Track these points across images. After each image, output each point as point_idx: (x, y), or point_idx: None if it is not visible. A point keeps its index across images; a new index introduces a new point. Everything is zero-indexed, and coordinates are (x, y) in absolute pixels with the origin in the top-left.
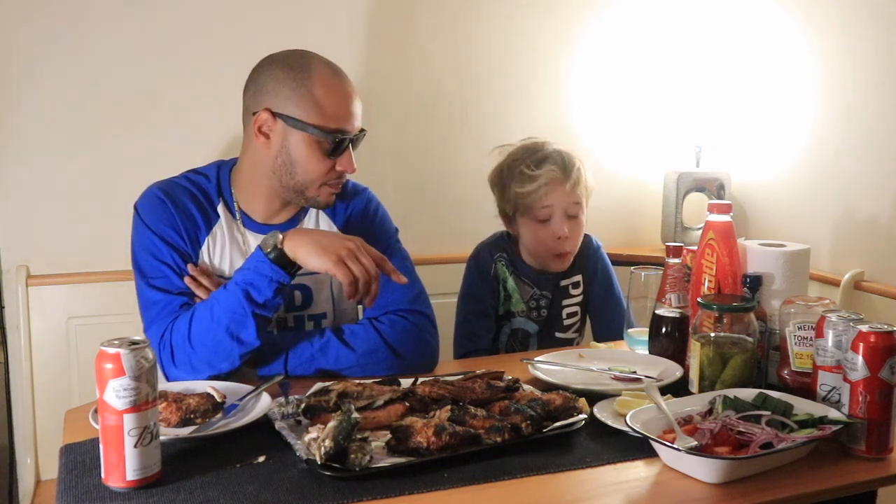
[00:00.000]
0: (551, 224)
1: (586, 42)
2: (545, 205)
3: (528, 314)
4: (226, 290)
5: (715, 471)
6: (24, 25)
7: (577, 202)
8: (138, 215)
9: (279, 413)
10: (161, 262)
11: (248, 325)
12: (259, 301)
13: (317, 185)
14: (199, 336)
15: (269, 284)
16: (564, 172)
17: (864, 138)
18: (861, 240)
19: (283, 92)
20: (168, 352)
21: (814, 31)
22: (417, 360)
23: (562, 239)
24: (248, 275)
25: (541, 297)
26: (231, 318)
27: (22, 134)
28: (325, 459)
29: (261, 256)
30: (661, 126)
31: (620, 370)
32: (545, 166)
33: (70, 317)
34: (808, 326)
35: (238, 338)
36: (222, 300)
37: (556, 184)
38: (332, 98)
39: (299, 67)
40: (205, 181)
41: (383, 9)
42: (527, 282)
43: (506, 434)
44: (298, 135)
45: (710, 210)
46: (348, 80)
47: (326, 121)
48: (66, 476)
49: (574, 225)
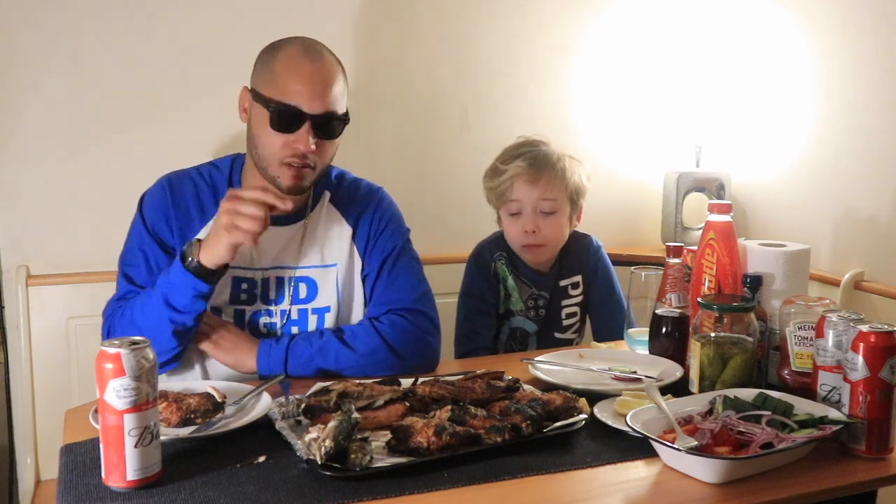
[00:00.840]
0: (521, 218)
1: (586, 42)
2: (513, 199)
3: (527, 313)
4: (145, 293)
5: (715, 471)
6: (24, 26)
7: (549, 199)
8: (141, 201)
9: (279, 413)
10: (140, 251)
11: (166, 330)
12: (178, 308)
13: (276, 163)
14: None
15: (187, 295)
16: (532, 168)
17: (864, 138)
18: (861, 240)
19: (257, 68)
20: (106, 331)
21: (814, 31)
22: (417, 361)
23: (528, 233)
24: (166, 285)
25: (539, 296)
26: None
27: (22, 134)
28: (325, 459)
29: (179, 266)
30: (661, 126)
31: (620, 370)
32: (515, 161)
33: (70, 317)
34: (808, 326)
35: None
36: (141, 305)
37: (522, 180)
38: (289, 73)
39: (276, 45)
40: (217, 173)
41: (383, 9)
42: (525, 281)
43: (506, 434)
44: (256, 107)
45: (710, 210)
46: (318, 60)
47: (277, 93)
48: (66, 476)
49: (547, 221)
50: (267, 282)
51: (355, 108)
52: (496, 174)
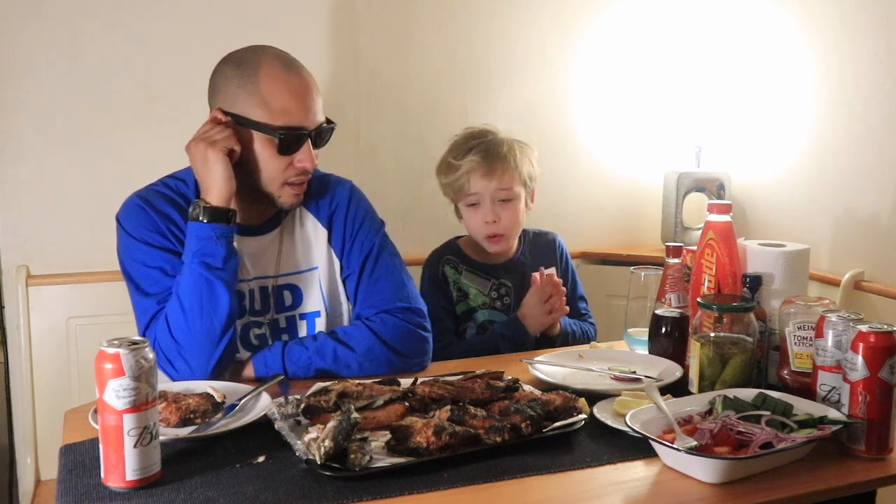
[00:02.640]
0: (481, 208)
1: (586, 42)
2: (471, 192)
3: (493, 304)
4: (182, 275)
5: (715, 471)
6: (23, 25)
7: (506, 188)
8: (121, 226)
9: (279, 413)
10: (151, 268)
11: (220, 293)
12: (218, 265)
13: (277, 184)
14: (179, 329)
15: (217, 242)
16: (486, 160)
17: (864, 138)
18: (861, 240)
19: (231, 90)
20: (162, 357)
21: (814, 31)
22: (413, 355)
23: (489, 223)
24: (194, 245)
25: (500, 285)
26: (200, 295)
27: (22, 134)
28: (325, 459)
29: (195, 225)
30: (661, 126)
31: (620, 370)
32: (468, 156)
33: (70, 317)
34: (808, 326)
35: (213, 312)
36: (184, 284)
37: (476, 172)
38: (279, 93)
39: (248, 64)
40: (183, 186)
41: (383, 9)
42: (481, 274)
43: (506, 434)
44: (248, 133)
45: (710, 210)
46: (301, 73)
47: (274, 117)
48: (66, 476)
49: (506, 209)
50: (252, 293)
51: (355, 109)
52: (451, 170)
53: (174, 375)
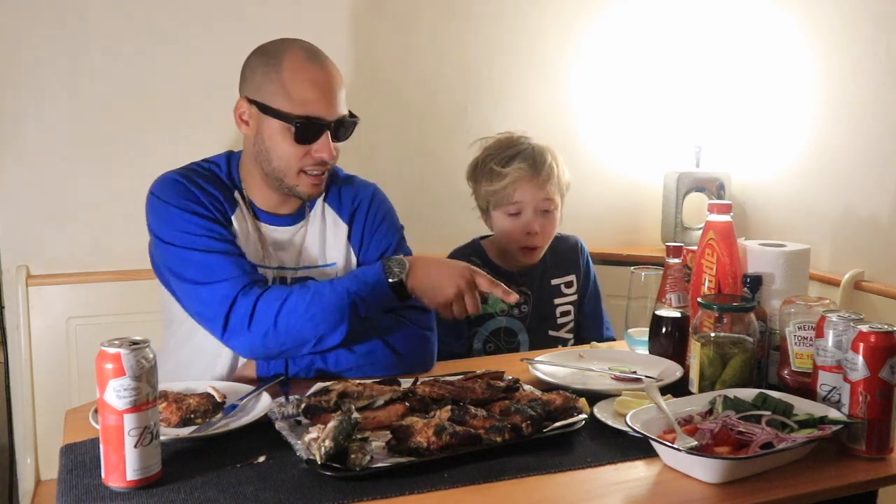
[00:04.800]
0: (521, 218)
1: (586, 42)
2: (514, 201)
3: (510, 312)
4: (332, 290)
5: (715, 471)
6: (24, 26)
7: (549, 198)
8: (159, 199)
9: (279, 413)
10: (198, 236)
11: (339, 332)
12: (360, 314)
13: (294, 173)
14: (286, 321)
15: (377, 305)
16: (534, 169)
17: (864, 138)
18: (861, 240)
19: (257, 78)
20: (245, 316)
21: (814, 31)
22: (416, 359)
23: (531, 234)
24: (363, 289)
25: (520, 293)
26: (326, 316)
27: (22, 134)
28: (325, 459)
29: (383, 280)
30: (661, 126)
31: (620, 370)
32: (514, 163)
33: (70, 317)
34: (808, 326)
35: (321, 337)
36: (327, 295)
37: (524, 181)
38: (300, 83)
39: (273, 53)
40: (216, 170)
41: (383, 9)
42: (503, 281)
43: (506, 434)
44: (269, 121)
45: (710, 210)
46: (325, 65)
47: (293, 106)
48: (66, 476)
49: (546, 220)
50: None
51: (355, 108)
52: (496, 177)
53: (234, 341)
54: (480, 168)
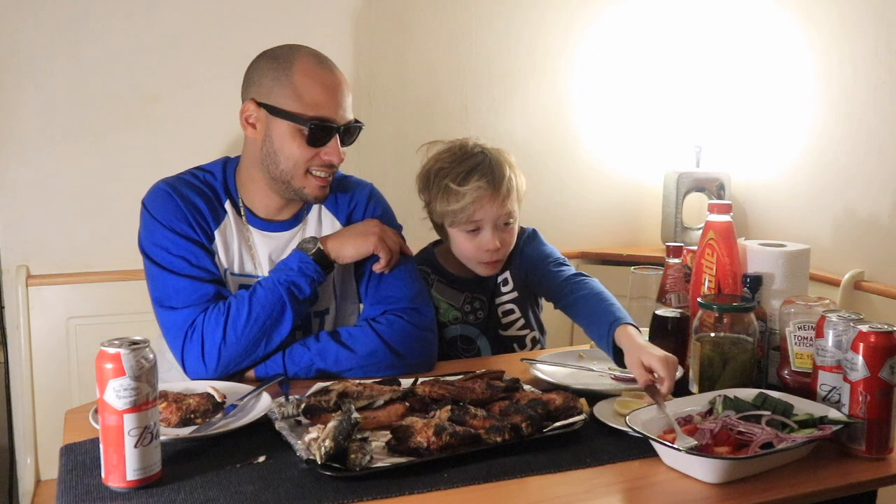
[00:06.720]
0: (481, 235)
1: (586, 42)
2: (474, 220)
3: (465, 319)
4: (264, 286)
5: (715, 471)
6: (24, 25)
7: (509, 212)
8: (147, 211)
9: (279, 413)
10: (175, 256)
11: (286, 322)
12: (300, 298)
13: (301, 174)
14: (234, 331)
15: (309, 284)
16: (493, 187)
17: (864, 138)
18: (861, 240)
19: (266, 82)
20: (197, 344)
21: (814, 31)
22: (417, 359)
23: (490, 251)
24: (290, 274)
25: (474, 299)
26: (271, 312)
27: (22, 133)
28: (325, 459)
29: (304, 258)
30: (661, 126)
31: (620, 370)
32: (471, 181)
33: (70, 317)
34: (808, 326)
35: (270, 332)
36: (262, 295)
37: (484, 199)
38: (311, 86)
39: (283, 58)
40: (211, 178)
41: (383, 8)
42: (457, 287)
43: (506, 434)
44: (279, 123)
45: (710, 210)
46: (334, 71)
47: (305, 108)
48: (66, 476)
49: (507, 233)
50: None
51: (356, 108)
52: (454, 197)
53: (194, 365)
54: (434, 183)
